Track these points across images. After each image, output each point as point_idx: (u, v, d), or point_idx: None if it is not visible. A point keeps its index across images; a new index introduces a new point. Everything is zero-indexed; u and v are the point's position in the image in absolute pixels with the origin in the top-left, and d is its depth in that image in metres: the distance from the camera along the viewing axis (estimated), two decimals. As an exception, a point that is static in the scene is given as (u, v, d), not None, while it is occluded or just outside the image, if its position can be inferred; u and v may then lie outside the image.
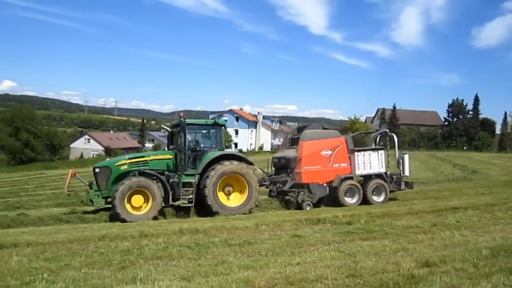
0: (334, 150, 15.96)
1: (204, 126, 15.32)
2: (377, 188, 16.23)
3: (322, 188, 15.59)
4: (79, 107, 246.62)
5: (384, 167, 16.66)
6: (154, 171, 14.03)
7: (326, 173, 15.77)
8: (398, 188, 16.96)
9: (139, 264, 7.12)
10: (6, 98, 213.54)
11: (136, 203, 13.34)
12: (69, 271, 6.75)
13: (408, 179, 17.30)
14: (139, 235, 9.46)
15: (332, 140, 16.20)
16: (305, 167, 15.60)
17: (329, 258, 7.29)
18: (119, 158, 15.11)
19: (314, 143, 15.92)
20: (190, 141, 14.60)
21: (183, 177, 14.03)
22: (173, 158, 14.43)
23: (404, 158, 17.24)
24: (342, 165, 16.03)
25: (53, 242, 8.95)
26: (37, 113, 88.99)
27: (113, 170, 13.85)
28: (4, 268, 6.97)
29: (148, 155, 14.80)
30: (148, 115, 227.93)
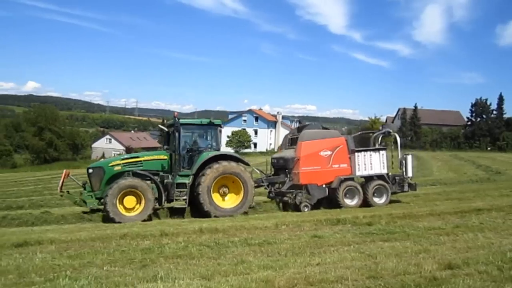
0: (334, 151, 15.49)
1: (199, 126, 15.04)
2: (378, 189, 15.70)
3: (321, 190, 15.19)
4: (101, 108, 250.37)
5: (386, 168, 16.14)
6: (149, 171, 13.79)
7: (325, 174, 15.31)
8: (401, 190, 16.39)
9: (159, 263, 7.19)
10: (30, 98, 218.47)
11: (128, 204, 13.15)
12: (92, 268, 6.86)
13: (411, 181, 16.73)
14: (159, 234, 9.55)
15: (332, 140, 15.73)
16: (303, 167, 15.20)
17: (349, 259, 7.24)
18: (113, 159, 15.02)
19: (313, 143, 15.49)
20: (184, 141, 14.37)
21: (177, 177, 13.79)
22: (168, 158, 14.20)
23: (407, 158, 16.70)
24: (342, 165, 15.56)
25: (76, 240, 9.11)
26: (60, 113, 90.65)
27: (106, 170, 13.67)
28: (28, 265, 7.13)
29: (142, 156, 14.56)
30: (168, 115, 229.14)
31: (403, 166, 16.70)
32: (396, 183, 16.24)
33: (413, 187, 16.64)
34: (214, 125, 14.81)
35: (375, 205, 15.25)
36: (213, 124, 14.78)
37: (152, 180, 13.59)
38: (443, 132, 76.14)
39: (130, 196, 13.17)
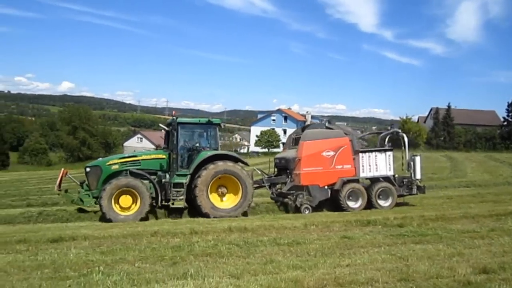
0: (337, 151, 14.95)
1: (198, 125, 14.93)
2: (384, 192, 15.16)
3: (323, 191, 14.70)
4: (132, 107, 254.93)
5: (392, 169, 15.60)
6: (147, 171, 13.73)
7: (328, 175, 14.80)
8: (409, 193, 15.77)
9: (189, 260, 7.27)
10: (64, 98, 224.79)
11: (124, 203, 13.09)
12: (124, 264, 7.01)
13: (420, 183, 16.03)
14: (189, 232, 9.66)
15: (335, 140, 15.20)
16: (304, 168, 14.74)
17: (379, 260, 7.14)
18: (110, 158, 14.90)
19: (315, 143, 15.01)
20: (182, 141, 14.14)
21: (174, 177, 13.65)
22: (166, 158, 14.06)
23: (415, 160, 15.97)
24: (346, 166, 15.04)
25: (108, 237, 9.32)
26: (93, 113, 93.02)
27: (103, 169, 13.62)
28: (63, 259, 7.35)
29: (140, 155, 14.48)
30: (198, 114, 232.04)
31: (411, 168, 16.01)
32: (404, 186, 15.67)
33: (422, 189, 15.96)
34: (213, 124, 14.61)
35: (380, 208, 14.68)
36: (212, 124, 14.61)
37: (149, 180, 13.53)
38: (477, 133, 73.95)
39: (126, 195, 13.12)
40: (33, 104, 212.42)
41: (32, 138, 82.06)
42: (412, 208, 14.76)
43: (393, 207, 14.95)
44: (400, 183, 15.65)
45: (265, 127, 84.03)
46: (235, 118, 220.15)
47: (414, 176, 15.83)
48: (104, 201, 12.78)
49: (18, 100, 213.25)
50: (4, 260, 7.41)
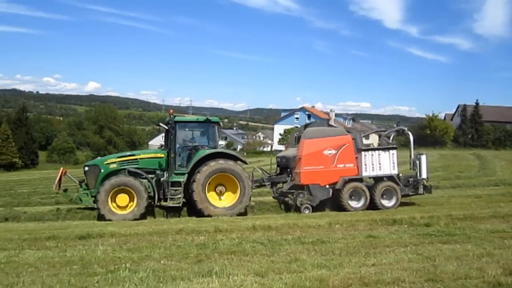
0: (339, 149, 14.57)
1: (196, 124, 14.95)
2: (387, 191, 14.78)
3: (324, 191, 14.36)
4: (156, 106, 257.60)
5: (396, 168, 15.16)
6: (145, 170, 13.79)
7: (329, 174, 14.45)
8: (415, 192, 15.31)
9: (214, 258, 7.31)
10: (91, 98, 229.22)
11: (121, 202, 13.18)
12: (150, 261, 7.10)
13: (427, 183, 15.49)
14: (214, 230, 9.72)
15: (337, 138, 14.85)
16: (305, 167, 14.40)
17: (406, 260, 7.03)
18: (109, 157, 15.00)
19: (316, 142, 14.66)
20: (180, 139, 14.14)
21: (172, 176, 13.63)
22: (165, 156, 14.09)
23: (421, 158, 15.45)
24: (348, 165, 14.62)
25: (134, 234, 9.47)
26: (118, 112, 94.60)
27: (102, 168, 13.72)
28: (91, 256, 7.51)
29: (138, 154, 14.50)
30: (221, 113, 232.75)
31: (416, 167, 15.55)
32: (410, 185, 15.26)
33: (428, 189, 15.49)
34: (211, 122, 14.57)
35: (383, 208, 14.33)
36: (210, 122, 14.56)
37: (147, 179, 13.58)
38: (507, 130, 72.03)
39: (123, 194, 13.18)
40: (61, 104, 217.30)
41: (60, 137, 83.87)
42: (439, 207, 14.47)
43: (397, 207, 14.55)
44: (406, 182, 15.28)
45: (288, 126, 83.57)
46: (258, 116, 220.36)
47: (419, 176, 15.36)
48: (100, 199, 12.87)
49: (46, 100, 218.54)
50: (34, 256, 7.60)
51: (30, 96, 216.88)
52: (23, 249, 8.24)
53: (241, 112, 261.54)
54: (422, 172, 15.36)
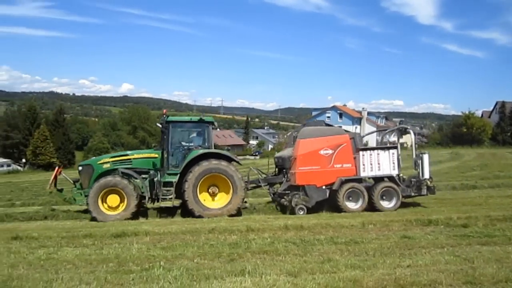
0: (336, 149, 14.09)
1: (189, 124, 14.70)
2: (387, 192, 14.22)
3: (320, 191, 13.93)
4: (188, 107, 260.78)
5: (397, 168, 14.51)
6: (139, 170, 13.76)
7: (326, 174, 13.97)
8: (419, 193, 14.62)
9: (246, 257, 7.33)
10: (125, 99, 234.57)
11: (112, 202, 13.13)
12: (183, 260, 7.19)
13: (430, 183, 14.70)
14: (246, 229, 9.74)
15: (334, 138, 14.35)
16: (300, 167, 13.99)
17: (443, 262, 6.85)
18: (102, 157, 15.00)
19: (312, 141, 14.21)
20: (173, 139, 14.02)
21: (165, 176, 13.59)
22: (159, 156, 13.99)
23: (423, 158, 14.77)
24: (346, 165, 14.13)
25: (168, 233, 9.59)
26: (151, 112, 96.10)
27: (95, 168, 13.73)
28: (126, 254, 7.66)
29: (132, 154, 14.37)
30: (252, 113, 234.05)
31: (418, 167, 14.91)
32: (413, 186, 14.67)
33: (432, 190, 14.77)
34: (205, 122, 14.38)
35: (383, 209, 13.80)
36: (204, 122, 14.37)
37: (138, 179, 13.55)
38: (548, 128, 69.21)
39: (113, 194, 13.13)
40: (96, 105, 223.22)
41: (96, 138, 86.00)
42: (476, 208, 14.01)
43: (397, 208, 14.04)
44: (409, 183, 14.77)
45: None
46: (289, 115, 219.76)
47: (422, 176, 14.72)
48: (91, 199, 12.91)
49: (82, 102, 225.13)
50: (72, 253, 7.82)
51: (67, 98, 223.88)
52: (62, 247, 8.47)
53: (272, 111, 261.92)
54: (424, 172, 14.74)
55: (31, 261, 7.28)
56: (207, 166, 13.28)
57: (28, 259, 7.43)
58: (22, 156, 65.47)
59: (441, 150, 54.68)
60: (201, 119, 14.33)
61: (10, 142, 70.48)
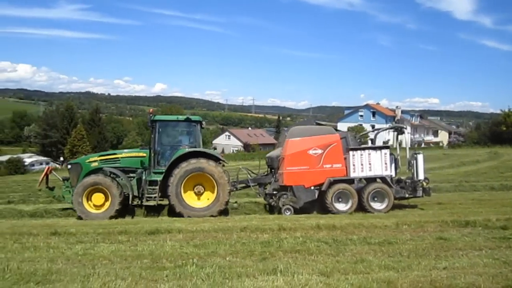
0: (326, 149, 13.77)
1: (176, 123, 14.70)
2: (378, 193, 13.83)
3: (309, 192, 13.69)
4: (220, 106, 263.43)
5: (389, 169, 14.07)
6: (127, 168, 13.89)
7: (315, 174, 13.70)
8: (413, 195, 14.28)
9: (278, 256, 7.32)
10: (158, 99, 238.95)
11: (97, 201, 13.27)
12: (215, 258, 7.24)
13: (427, 184, 14.36)
14: (277, 228, 9.73)
15: (324, 137, 14.02)
16: (288, 167, 13.76)
17: (481, 265, 6.64)
18: (91, 155, 15.14)
19: (301, 141, 13.94)
20: (159, 138, 14.05)
21: (151, 175, 13.64)
22: (147, 155, 14.00)
23: (417, 158, 14.46)
24: (336, 166, 13.82)
25: (200, 231, 9.69)
26: (184, 112, 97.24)
27: (83, 166, 13.87)
28: (160, 251, 7.78)
29: (120, 153, 14.56)
30: (284, 111, 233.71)
31: (412, 168, 14.60)
32: (408, 187, 14.32)
33: (427, 191, 14.37)
34: (192, 121, 14.34)
35: (373, 211, 13.47)
36: (191, 121, 14.34)
37: (124, 178, 13.61)
38: None
39: (98, 193, 13.26)
40: (130, 105, 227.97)
41: (130, 137, 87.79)
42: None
43: (388, 210, 13.66)
44: (403, 184, 14.43)
45: (352, 123, 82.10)
46: (321, 114, 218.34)
47: (416, 177, 14.39)
48: (75, 197, 13.11)
49: (117, 102, 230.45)
50: (108, 249, 8.01)
51: (103, 98, 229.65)
52: (98, 243, 8.69)
53: (304, 110, 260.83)
54: (418, 173, 14.40)
55: (69, 256, 7.51)
56: (190, 166, 13.23)
57: (66, 254, 7.66)
58: (60, 154, 67.52)
59: (479, 150, 53.13)
60: (187, 118, 14.33)
61: (48, 140, 72.98)
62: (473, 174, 28.39)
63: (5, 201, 18.42)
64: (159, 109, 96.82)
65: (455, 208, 14.11)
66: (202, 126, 14.65)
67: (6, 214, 14.49)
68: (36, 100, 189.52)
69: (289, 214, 13.27)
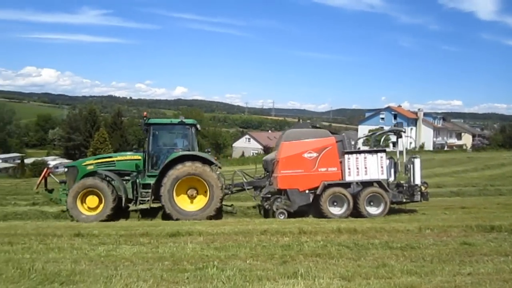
0: (321, 152, 13.62)
1: (170, 126, 14.76)
2: (374, 197, 13.64)
3: (304, 196, 13.56)
4: (240, 109, 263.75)
5: (386, 173, 13.84)
6: (122, 171, 13.97)
7: (309, 178, 13.55)
8: (411, 199, 14.01)
9: (299, 260, 7.29)
10: (178, 102, 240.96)
11: (91, 203, 13.39)
12: (236, 260, 7.25)
13: (425, 189, 14.01)
14: (298, 231, 9.68)
15: (319, 140, 13.83)
16: (282, 171, 13.63)
17: (507, 271, 6.49)
18: (88, 158, 15.31)
19: (296, 144, 13.79)
20: (153, 141, 14.12)
21: (145, 178, 13.72)
22: (142, 159, 14.07)
23: (414, 162, 14.15)
24: (331, 169, 13.64)
25: (221, 233, 9.71)
26: (204, 115, 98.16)
27: (79, 169, 14.02)
28: (181, 253, 7.84)
29: (115, 156, 14.68)
30: (303, 114, 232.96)
31: (409, 172, 14.28)
32: (405, 191, 14.04)
33: (425, 196, 14.05)
34: (186, 124, 14.36)
35: (368, 216, 13.26)
36: (185, 124, 14.35)
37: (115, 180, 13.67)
38: None
39: (92, 195, 13.38)
40: (151, 108, 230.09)
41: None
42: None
43: (384, 215, 13.40)
44: (402, 188, 14.17)
45: (373, 126, 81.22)
46: (341, 117, 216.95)
47: (413, 181, 14.07)
48: (69, 199, 13.25)
49: (138, 105, 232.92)
50: (130, 251, 8.11)
51: (124, 102, 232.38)
52: (120, 244, 8.80)
53: (324, 113, 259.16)
54: (415, 177, 14.06)
55: (92, 257, 7.62)
56: (182, 169, 13.24)
57: (89, 255, 7.78)
58: (83, 157, 68.75)
59: (504, 153, 52.01)
60: (181, 122, 14.36)
61: (72, 143, 74.49)
62: (499, 178, 27.82)
63: (30, 202, 18.81)
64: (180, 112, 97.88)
65: (480, 212, 13.79)
66: (198, 129, 14.77)
67: (31, 215, 14.77)
68: (60, 104, 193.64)
69: (283, 218, 13.24)
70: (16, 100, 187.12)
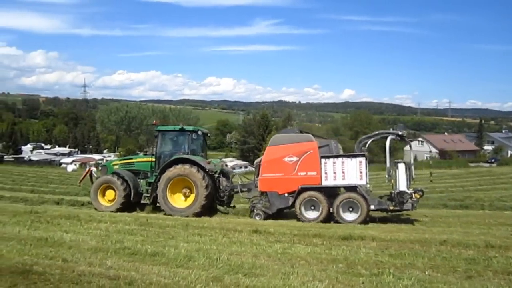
0: (301, 157, 13.68)
1: (174, 132, 16.47)
2: (349, 203, 13.18)
3: (282, 199, 13.88)
4: (411, 110, 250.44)
5: (364, 178, 13.28)
6: (140, 171, 16.19)
7: (289, 181, 13.78)
8: (400, 208, 13.26)
9: (487, 276, 6.58)
10: (346, 105, 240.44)
11: (109, 196, 15.73)
12: (413, 270, 6.88)
13: (414, 197, 13.18)
14: (484, 245, 8.73)
15: (300, 145, 13.91)
16: (264, 174, 14.16)
17: None
18: (115, 159, 19.47)
19: (277, 148, 14.17)
20: (160, 146, 16.12)
21: (151, 177, 15.68)
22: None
23: (398, 167, 13.60)
24: (310, 173, 13.64)
25: (395, 240, 9.36)
26: (373, 117, 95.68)
27: (109, 168, 16.73)
28: (354, 257, 7.78)
29: (135, 158, 17.70)
30: (486, 114, 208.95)
31: (392, 178, 13.68)
32: (395, 199, 13.24)
33: (413, 205, 13.29)
34: (186, 131, 16.09)
35: (343, 221, 12.96)
36: (185, 130, 16.11)
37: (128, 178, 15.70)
38: None
39: (110, 190, 15.69)
40: (319, 112, 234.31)
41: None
42: None
43: (360, 222, 12.78)
44: (389, 195, 13.68)
45: None
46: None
47: (397, 187, 13.44)
48: (92, 193, 15.94)
49: (307, 109, 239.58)
50: (304, 251, 8.36)
51: (294, 106, 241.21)
52: (294, 243, 9.16)
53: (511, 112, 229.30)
54: (400, 184, 13.49)
55: (269, 253, 8.10)
56: (173, 171, 14.95)
57: (267, 251, 8.28)
58: (256, 159, 73.40)
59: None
60: (181, 129, 16.27)
61: (246, 146, 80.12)
62: None
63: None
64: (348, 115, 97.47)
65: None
66: (198, 135, 16.41)
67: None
68: (236, 110, 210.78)
69: (259, 219, 13.82)
70: (200, 108, 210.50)
